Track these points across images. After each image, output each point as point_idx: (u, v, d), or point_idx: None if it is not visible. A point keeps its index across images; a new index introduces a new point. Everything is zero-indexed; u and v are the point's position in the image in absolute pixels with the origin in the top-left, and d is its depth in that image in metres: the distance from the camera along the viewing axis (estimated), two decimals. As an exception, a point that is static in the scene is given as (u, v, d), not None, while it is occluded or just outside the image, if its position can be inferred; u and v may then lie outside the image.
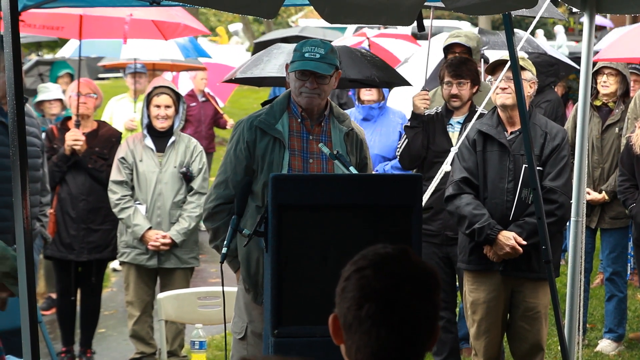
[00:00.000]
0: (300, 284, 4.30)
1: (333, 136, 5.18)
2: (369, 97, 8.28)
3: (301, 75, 5.07)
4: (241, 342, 5.18)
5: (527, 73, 6.12)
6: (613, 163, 7.93)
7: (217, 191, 5.21)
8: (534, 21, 6.68)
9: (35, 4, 5.01)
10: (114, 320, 9.35)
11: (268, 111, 5.18)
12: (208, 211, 5.25)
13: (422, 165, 6.94)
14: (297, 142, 5.13)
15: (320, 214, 4.35)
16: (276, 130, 5.10)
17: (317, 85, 5.07)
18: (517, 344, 6.21)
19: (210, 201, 5.24)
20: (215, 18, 39.61)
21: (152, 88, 7.55)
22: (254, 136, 5.11)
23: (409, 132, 6.93)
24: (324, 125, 5.19)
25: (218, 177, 5.26)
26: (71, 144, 7.71)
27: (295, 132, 5.15)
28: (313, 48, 5.08)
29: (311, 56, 5.06)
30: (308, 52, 5.06)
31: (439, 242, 6.81)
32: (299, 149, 5.12)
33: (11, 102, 3.70)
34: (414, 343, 2.20)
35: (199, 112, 12.72)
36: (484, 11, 5.43)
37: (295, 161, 5.09)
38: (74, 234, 7.74)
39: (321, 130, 5.18)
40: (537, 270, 6.00)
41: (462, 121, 6.84)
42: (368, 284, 2.19)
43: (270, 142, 5.09)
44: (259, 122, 5.13)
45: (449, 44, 7.68)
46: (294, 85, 5.11)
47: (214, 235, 5.24)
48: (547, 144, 6.06)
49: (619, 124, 8.00)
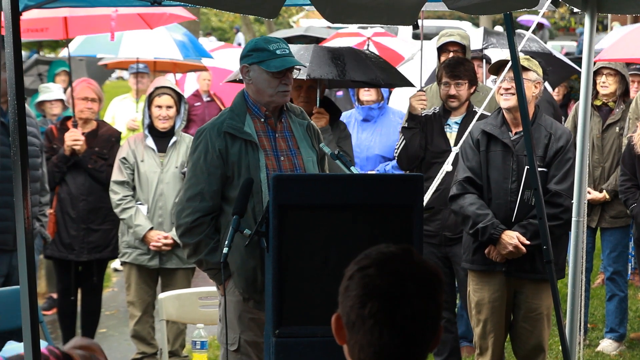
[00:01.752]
0: (302, 284, 4.30)
1: (294, 131, 5.15)
2: (368, 98, 8.29)
3: (278, 73, 5.01)
4: (235, 354, 5.07)
5: (532, 73, 6.11)
6: (614, 162, 7.93)
7: (193, 204, 5.03)
8: (535, 21, 6.68)
9: (36, 3, 5.01)
10: (115, 320, 9.35)
11: (230, 115, 5.08)
12: (186, 226, 5.06)
13: (420, 165, 6.94)
14: (266, 141, 5.08)
15: (321, 214, 4.35)
16: (246, 133, 5.02)
17: (291, 81, 5.08)
18: (519, 345, 6.21)
19: (186, 215, 5.06)
20: (217, 18, 39.63)
21: (153, 88, 7.54)
22: (225, 142, 5.00)
23: (406, 133, 6.92)
24: (284, 122, 5.16)
25: (189, 189, 5.07)
26: (71, 144, 7.70)
27: (262, 132, 5.10)
28: (279, 44, 5.04)
29: (283, 52, 5.02)
30: (278, 49, 5.02)
31: (438, 243, 6.81)
32: (270, 148, 5.08)
33: (12, 102, 3.70)
34: (418, 342, 2.20)
35: (204, 112, 12.73)
36: (485, 11, 5.43)
37: (268, 161, 5.03)
38: (74, 234, 7.74)
39: (283, 127, 5.15)
40: (540, 271, 5.99)
41: (459, 121, 6.85)
42: (371, 282, 2.19)
43: (242, 146, 5.01)
44: (227, 128, 5.02)
45: (443, 43, 7.67)
46: (269, 85, 5.03)
47: (194, 250, 5.07)
48: (551, 145, 6.05)
49: (619, 123, 8.01)
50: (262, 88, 5.06)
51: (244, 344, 5.06)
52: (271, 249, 4.28)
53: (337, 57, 7.06)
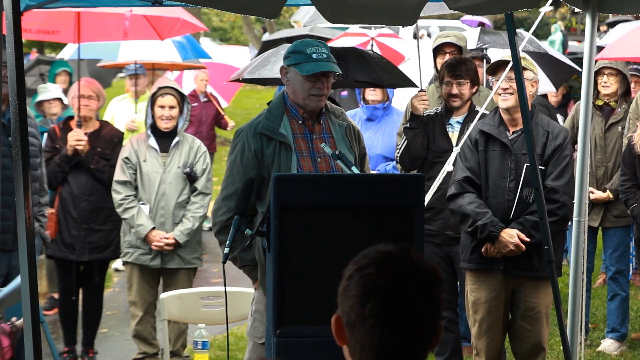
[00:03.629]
0: (303, 284, 4.30)
1: (334, 132, 5.16)
2: (374, 98, 8.32)
3: (312, 77, 5.01)
4: (262, 347, 5.05)
5: (529, 72, 6.13)
6: (616, 162, 7.94)
7: (228, 203, 5.09)
8: (536, 21, 6.68)
9: (37, 4, 5.00)
10: (116, 320, 9.36)
11: (267, 116, 5.12)
12: (221, 224, 5.13)
13: (422, 165, 6.95)
14: (302, 143, 5.10)
15: (322, 214, 4.35)
16: (281, 135, 5.05)
17: (326, 85, 5.05)
18: (518, 344, 6.22)
19: (221, 214, 5.13)
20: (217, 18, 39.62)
21: (156, 88, 7.55)
22: (261, 143, 5.04)
23: (408, 133, 6.93)
24: (323, 123, 5.17)
25: (226, 189, 5.13)
26: (73, 144, 7.71)
27: (299, 133, 5.12)
28: (317, 48, 5.02)
29: (319, 57, 5.00)
30: (315, 53, 5.00)
31: (440, 242, 6.82)
32: (306, 150, 5.10)
33: (13, 102, 3.70)
34: (418, 341, 2.20)
35: (201, 112, 12.75)
36: (486, 11, 5.44)
37: (304, 162, 5.06)
38: (76, 234, 7.75)
39: (321, 129, 5.16)
40: (538, 269, 6.01)
41: (461, 121, 6.86)
42: (371, 281, 2.19)
43: (277, 147, 5.04)
44: (262, 129, 5.06)
45: (439, 44, 7.68)
46: (302, 88, 5.04)
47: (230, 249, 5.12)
48: (549, 143, 6.07)
49: (621, 123, 8.01)
50: (296, 90, 5.08)
51: None
52: (272, 249, 4.29)
53: (340, 57, 7.07)
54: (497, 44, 9.37)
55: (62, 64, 12.40)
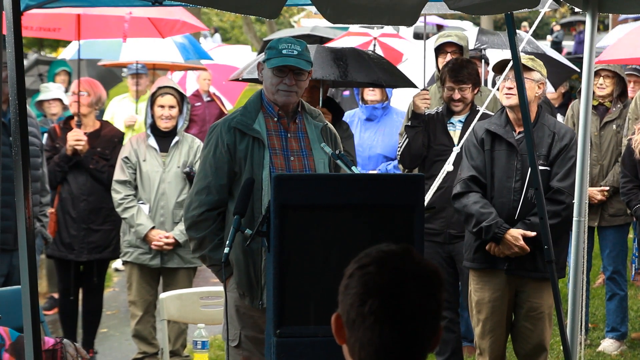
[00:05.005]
0: (303, 284, 4.30)
1: (309, 132, 5.17)
2: (373, 98, 8.32)
3: (279, 72, 5.04)
4: (236, 350, 5.11)
5: (536, 74, 6.12)
6: (611, 160, 7.97)
7: (200, 197, 5.09)
8: (536, 21, 6.68)
9: (37, 3, 5.01)
10: (116, 320, 9.36)
11: (243, 112, 5.14)
12: (192, 219, 5.11)
13: (423, 164, 6.96)
14: (276, 141, 5.11)
15: (322, 214, 4.35)
16: (254, 130, 5.06)
17: (294, 82, 5.06)
18: (521, 344, 6.22)
19: (192, 209, 5.12)
20: (217, 18, 39.63)
21: (156, 88, 7.55)
22: (234, 138, 5.06)
23: (409, 131, 6.94)
24: (298, 122, 5.18)
25: (198, 183, 5.14)
26: (73, 144, 7.71)
27: (274, 131, 5.12)
28: (290, 45, 5.04)
29: (289, 52, 5.02)
30: (285, 49, 5.03)
31: (442, 241, 6.82)
32: (280, 147, 5.10)
33: (13, 101, 3.70)
34: (418, 340, 2.20)
35: (204, 112, 12.76)
36: (486, 11, 5.44)
37: (277, 160, 5.06)
38: (75, 234, 7.75)
39: (297, 127, 5.17)
40: (541, 269, 5.99)
41: (463, 120, 6.86)
42: (371, 279, 2.19)
43: (250, 143, 5.05)
44: (236, 124, 5.08)
45: (440, 44, 7.68)
46: (271, 82, 5.07)
47: (199, 245, 5.13)
48: (554, 143, 6.07)
49: (616, 121, 8.04)
50: (267, 85, 5.13)
51: (245, 340, 5.09)
52: (272, 249, 4.29)
53: (339, 57, 7.09)
54: (495, 45, 9.38)
55: (62, 64, 12.39)
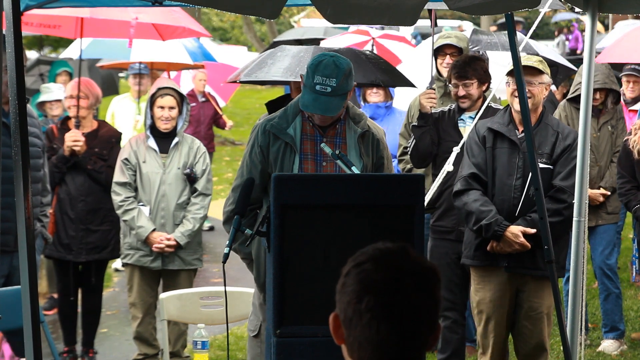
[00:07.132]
0: (303, 284, 4.30)
1: (348, 138, 5.16)
2: (377, 99, 8.33)
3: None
4: (255, 340, 5.26)
5: (545, 76, 6.16)
6: (608, 160, 8.01)
7: (235, 194, 5.21)
8: (536, 21, 6.68)
9: (37, 3, 5.01)
10: (116, 320, 9.36)
11: (281, 115, 5.17)
12: (227, 215, 5.27)
13: (434, 162, 6.96)
14: (309, 145, 5.13)
15: (322, 213, 4.35)
16: (287, 135, 5.10)
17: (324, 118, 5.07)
18: (521, 344, 6.22)
19: (228, 204, 5.28)
20: (218, 18, 39.61)
21: (156, 89, 7.53)
22: (267, 140, 5.13)
23: (416, 131, 6.93)
24: (338, 128, 5.17)
25: (235, 180, 5.31)
26: (71, 145, 7.70)
27: (309, 135, 5.14)
28: (324, 80, 4.93)
29: (322, 90, 4.94)
30: (320, 85, 4.93)
31: (454, 238, 6.75)
32: (312, 152, 5.12)
33: (13, 102, 3.71)
34: (415, 337, 2.20)
35: (199, 112, 12.76)
36: (486, 11, 5.43)
37: (307, 165, 5.10)
38: (73, 235, 7.75)
39: (335, 133, 5.16)
40: (541, 268, 5.99)
41: (474, 116, 6.82)
42: (368, 277, 2.20)
43: (281, 147, 5.11)
44: (271, 127, 5.13)
45: (439, 45, 7.68)
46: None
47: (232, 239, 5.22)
48: (558, 143, 6.10)
49: (610, 122, 8.06)
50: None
51: (265, 332, 5.11)
52: (272, 249, 4.29)
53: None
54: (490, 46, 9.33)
55: (63, 64, 12.38)
